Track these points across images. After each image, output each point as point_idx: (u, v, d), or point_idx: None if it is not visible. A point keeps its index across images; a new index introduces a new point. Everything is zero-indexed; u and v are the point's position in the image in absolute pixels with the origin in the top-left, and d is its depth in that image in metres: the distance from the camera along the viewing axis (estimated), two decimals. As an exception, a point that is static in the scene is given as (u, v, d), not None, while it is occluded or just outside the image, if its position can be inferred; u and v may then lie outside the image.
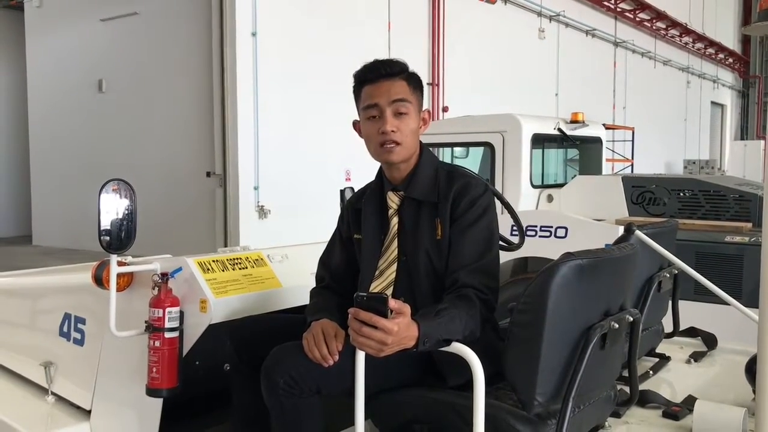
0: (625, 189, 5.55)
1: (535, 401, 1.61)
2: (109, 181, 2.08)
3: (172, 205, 9.90)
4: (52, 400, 2.55)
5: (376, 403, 1.84)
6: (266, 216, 9.35)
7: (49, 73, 12.24)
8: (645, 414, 2.07)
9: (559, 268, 1.59)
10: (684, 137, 23.59)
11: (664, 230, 2.62)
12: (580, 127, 6.38)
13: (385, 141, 1.97)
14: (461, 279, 1.86)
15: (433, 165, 2.06)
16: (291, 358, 1.81)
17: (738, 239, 4.48)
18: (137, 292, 2.22)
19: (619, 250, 1.83)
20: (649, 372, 2.46)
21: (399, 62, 2.02)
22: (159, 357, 2.06)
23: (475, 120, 6.36)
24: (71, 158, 11.73)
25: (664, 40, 21.48)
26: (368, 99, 2.00)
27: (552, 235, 4.53)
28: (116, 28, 10.99)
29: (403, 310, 1.61)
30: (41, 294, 2.90)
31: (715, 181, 5.46)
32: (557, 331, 1.61)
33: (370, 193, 2.12)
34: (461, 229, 1.93)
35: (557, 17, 15.85)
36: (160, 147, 10.34)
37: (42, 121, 12.49)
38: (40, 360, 2.59)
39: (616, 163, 13.64)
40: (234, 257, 2.29)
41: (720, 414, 1.88)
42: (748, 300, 2.70)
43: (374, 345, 1.58)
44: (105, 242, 2.04)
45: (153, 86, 10.46)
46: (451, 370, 1.83)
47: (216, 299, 2.09)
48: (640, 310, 2.20)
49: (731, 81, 28.64)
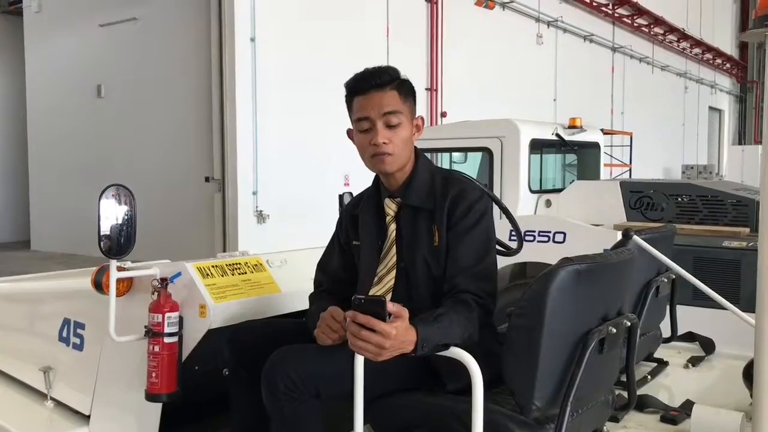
0: (623, 194, 5.55)
1: (534, 405, 1.61)
2: (108, 186, 2.09)
3: (170, 210, 9.89)
4: (52, 405, 2.55)
5: (375, 407, 1.84)
6: (265, 221, 9.35)
7: (48, 78, 12.24)
8: (643, 418, 2.07)
9: (558, 273, 1.60)
10: (682, 142, 23.61)
11: (661, 235, 2.63)
12: (578, 133, 6.39)
13: (377, 153, 1.97)
14: (459, 284, 1.87)
15: (429, 171, 2.06)
16: (291, 362, 1.81)
17: (736, 244, 4.48)
18: (137, 297, 2.23)
19: (617, 255, 1.84)
20: (647, 377, 2.47)
21: (389, 71, 2.00)
22: (158, 362, 2.07)
23: (474, 125, 6.36)
24: (70, 163, 11.72)
25: (662, 45, 21.52)
26: (359, 111, 1.99)
27: (550, 240, 4.54)
28: (115, 34, 10.99)
29: (401, 313, 1.62)
30: (40, 299, 2.90)
31: (713, 186, 5.46)
32: (555, 335, 1.62)
33: (367, 199, 2.13)
34: (458, 234, 1.93)
35: (555, 23, 15.88)
36: (159, 152, 10.33)
37: (41, 126, 12.48)
38: (40, 365, 2.59)
39: (614, 168, 13.67)
40: (233, 262, 2.30)
41: (717, 418, 1.89)
42: (746, 305, 2.69)
43: (372, 349, 1.59)
44: (105, 247, 2.04)
45: (152, 91, 10.46)
46: (449, 374, 1.83)
47: (215, 304, 2.10)
48: (638, 315, 2.21)
49: (729, 86, 28.69)
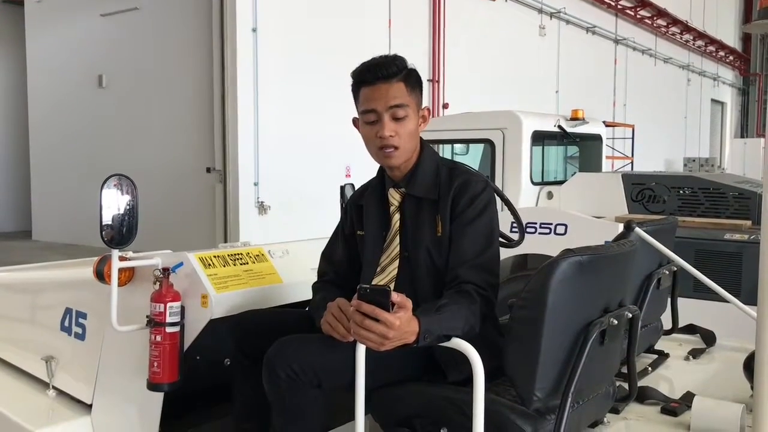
0: (625, 186, 5.55)
1: (535, 397, 1.62)
2: (110, 176, 2.08)
3: (171, 201, 9.88)
4: (53, 394, 2.56)
5: (376, 398, 1.85)
6: (266, 212, 9.35)
7: (49, 68, 12.22)
8: (643, 410, 2.07)
9: (559, 264, 1.60)
10: (684, 135, 23.57)
11: (663, 227, 2.62)
12: (580, 124, 6.38)
13: (383, 145, 1.96)
14: (462, 275, 1.87)
15: (434, 161, 2.05)
16: (292, 352, 1.82)
17: (737, 237, 4.48)
18: (138, 287, 2.23)
19: (619, 246, 1.83)
20: (648, 368, 2.47)
21: (396, 62, 1.97)
22: (160, 351, 2.07)
23: (476, 117, 6.36)
24: (71, 153, 11.71)
25: (665, 37, 21.45)
26: (366, 103, 1.97)
27: (551, 232, 4.54)
28: (116, 24, 10.97)
29: (405, 304, 1.62)
30: (42, 289, 2.91)
31: (715, 178, 5.46)
32: (557, 327, 1.62)
33: (372, 190, 2.13)
34: (462, 225, 1.93)
35: (558, 14, 15.82)
36: (160, 142, 10.32)
37: (42, 116, 12.47)
38: (42, 354, 2.60)
39: (615, 160, 13.65)
40: (235, 252, 2.30)
41: (718, 410, 1.89)
42: (747, 297, 2.69)
43: (375, 338, 1.59)
44: (106, 237, 2.04)
45: (153, 82, 10.45)
46: (451, 365, 1.84)
47: (217, 294, 2.10)
48: (639, 307, 2.21)
49: (731, 79, 28.61)
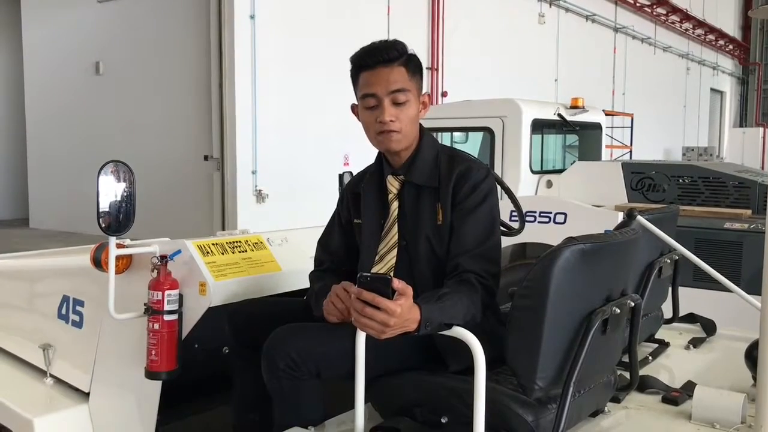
0: (625, 175, 5.54)
1: (536, 386, 1.60)
2: (107, 162, 2.06)
3: (169, 189, 9.85)
4: (51, 382, 2.55)
5: (376, 387, 1.83)
6: (264, 200, 9.33)
7: (46, 55, 12.15)
8: (644, 399, 2.07)
9: (562, 252, 1.58)
10: (683, 124, 23.54)
11: (665, 216, 2.62)
12: (580, 113, 6.36)
13: (383, 130, 1.93)
14: (463, 264, 1.85)
15: (434, 148, 2.03)
16: (291, 341, 1.81)
17: (737, 226, 4.48)
18: (136, 274, 2.22)
19: (622, 235, 1.82)
20: (649, 358, 2.46)
21: (396, 46, 1.94)
22: (158, 339, 2.06)
23: (475, 105, 6.33)
24: (68, 140, 11.66)
25: (664, 26, 21.38)
26: (366, 87, 1.94)
27: (551, 220, 4.53)
28: (114, 10, 10.90)
29: (406, 291, 1.60)
30: (40, 276, 2.89)
31: (715, 167, 5.45)
32: (559, 315, 1.60)
33: (370, 177, 2.10)
34: (463, 214, 1.91)
35: (557, 2, 15.74)
36: (158, 130, 10.27)
37: (39, 103, 12.41)
38: (39, 342, 2.59)
39: (614, 149, 13.63)
40: (233, 240, 2.28)
41: (719, 399, 1.88)
42: (747, 286, 2.70)
43: (376, 326, 1.58)
44: (104, 224, 2.03)
45: (150, 69, 10.39)
46: (452, 354, 1.83)
47: (215, 282, 2.09)
48: (640, 296, 2.20)
49: (731, 68, 28.54)
